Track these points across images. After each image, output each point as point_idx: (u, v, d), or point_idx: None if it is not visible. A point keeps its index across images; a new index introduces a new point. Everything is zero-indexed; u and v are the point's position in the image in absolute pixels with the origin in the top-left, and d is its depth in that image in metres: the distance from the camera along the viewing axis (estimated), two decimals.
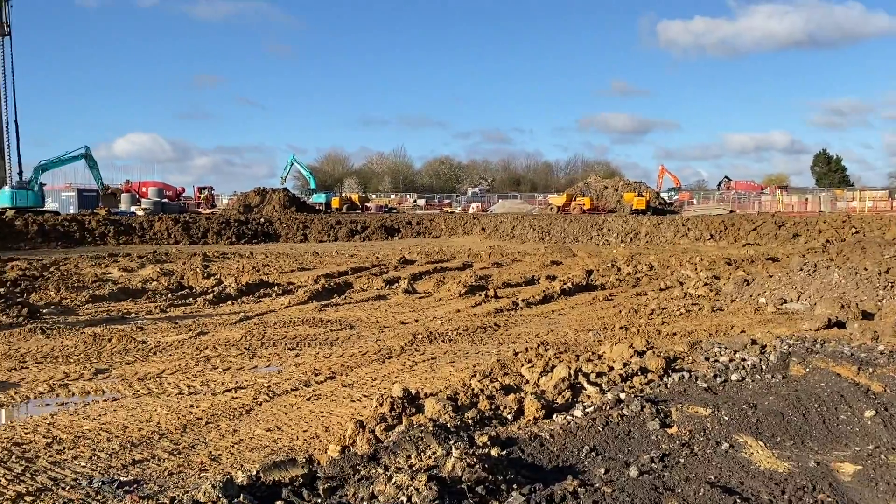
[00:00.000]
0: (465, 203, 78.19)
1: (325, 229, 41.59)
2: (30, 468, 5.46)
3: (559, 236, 38.58)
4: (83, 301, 15.13)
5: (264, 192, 63.58)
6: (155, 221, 39.20)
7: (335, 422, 6.72)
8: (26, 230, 34.34)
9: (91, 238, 35.13)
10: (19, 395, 7.77)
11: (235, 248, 33.44)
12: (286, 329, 11.84)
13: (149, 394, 7.75)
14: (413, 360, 9.45)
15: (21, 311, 13.09)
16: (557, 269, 22.48)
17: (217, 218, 43.68)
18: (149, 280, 18.72)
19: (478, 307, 14.18)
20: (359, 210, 68.11)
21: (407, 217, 50.76)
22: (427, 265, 23.11)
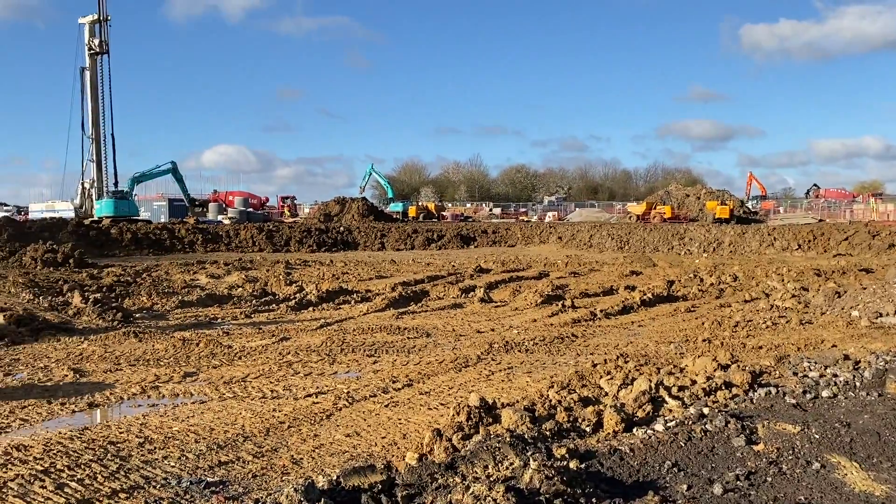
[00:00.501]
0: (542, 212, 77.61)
1: (402, 238, 42.07)
2: (124, 466, 5.72)
3: (638, 246, 37.83)
4: (173, 306, 15.77)
5: (344, 201, 64.87)
6: (240, 230, 40.52)
7: (412, 429, 6.77)
8: (121, 238, 36.09)
9: (181, 246, 36.61)
10: (114, 395, 8.17)
11: (316, 255, 34.20)
12: (364, 336, 12.03)
13: (234, 397, 8.01)
14: (489, 369, 9.44)
15: (116, 316, 13.77)
16: (637, 280, 22.04)
17: (299, 226, 44.81)
18: (234, 286, 19.36)
19: (555, 317, 14.05)
20: (435, 219, 68.58)
21: (483, 226, 50.80)
22: (503, 274, 23.06)
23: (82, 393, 8.22)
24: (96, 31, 49.09)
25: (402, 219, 64.49)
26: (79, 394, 8.19)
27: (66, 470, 5.60)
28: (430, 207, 74.21)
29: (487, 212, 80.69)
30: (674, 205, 57.34)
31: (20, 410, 7.48)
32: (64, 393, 8.23)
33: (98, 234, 36.26)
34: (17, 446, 6.18)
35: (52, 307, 14.76)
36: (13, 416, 7.26)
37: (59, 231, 34.80)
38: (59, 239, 30.60)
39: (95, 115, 49.34)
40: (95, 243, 34.00)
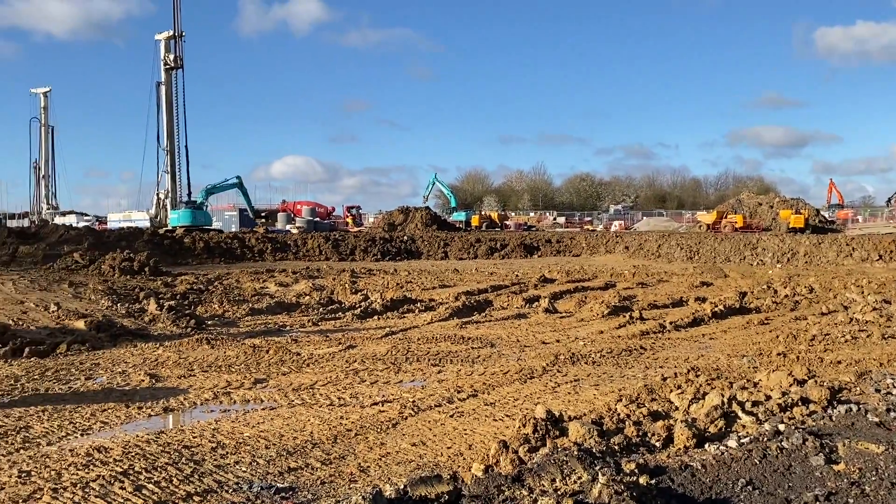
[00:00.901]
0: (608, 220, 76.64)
1: (465, 247, 42.12)
2: (197, 470, 5.88)
3: (709, 256, 36.88)
4: (243, 314, 16.18)
5: (407, 210, 65.47)
6: (308, 239, 41.30)
7: (478, 440, 6.75)
8: (194, 247, 37.25)
9: (250, 254, 37.53)
10: (188, 401, 8.42)
11: (380, 264, 34.56)
12: (429, 345, 12.08)
13: (302, 404, 8.15)
14: (555, 381, 9.35)
15: (189, 322, 14.22)
16: (707, 291, 21.49)
17: (364, 236, 45.39)
18: (302, 294, 19.73)
19: (622, 329, 13.82)
20: (498, 228, 68.47)
21: (547, 235, 50.43)
22: (568, 284, 22.83)
23: (158, 398, 8.50)
24: (171, 46, 50.99)
25: (465, 228, 64.62)
26: (155, 398, 8.47)
27: (144, 472, 5.79)
28: (494, 216, 74.14)
29: (551, 221, 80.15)
30: (745, 214, 55.76)
31: (100, 413, 7.78)
32: (141, 397, 8.53)
33: (172, 243, 37.52)
34: (98, 448, 6.43)
35: (129, 314, 15.33)
36: (94, 419, 7.55)
37: (135, 240, 36.17)
38: (135, 248, 31.79)
39: (170, 128, 51.18)
40: (169, 252, 35.19)
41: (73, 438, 6.87)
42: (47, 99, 71.56)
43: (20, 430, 7.13)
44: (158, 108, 51.44)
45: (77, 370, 10.12)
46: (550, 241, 45.64)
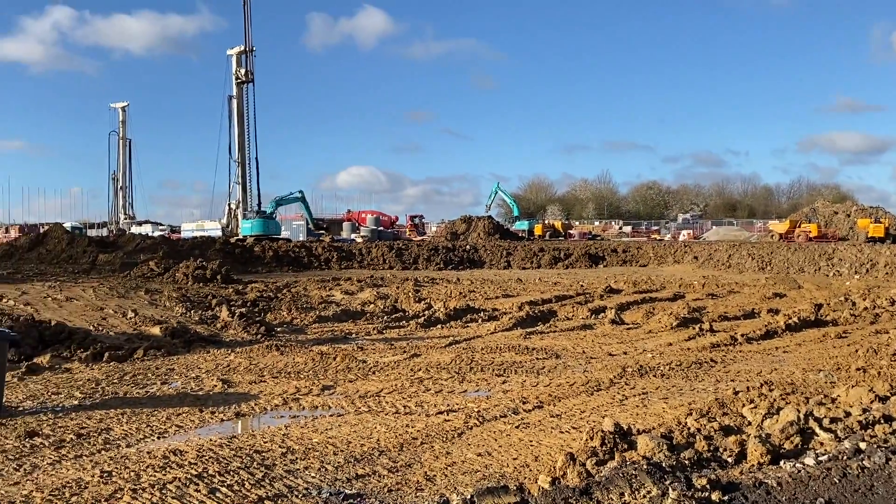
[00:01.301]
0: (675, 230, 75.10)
1: (528, 256, 41.90)
2: (268, 475, 6.02)
3: (782, 266, 35.71)
4: (311, 321, 16.49)
5: (470, 219, 65.66)
6: (372, 248, 41.83)
7: (544, 452, 6.70)
8: (263, 255, 38.19)
9: (317, 263, 38.22)
10: (258, 406, 8.62)
11: (443, 273, 34.71)
12: (493, 355, 12.06)
13: (369, 411, 8.24)
14: (623, 393, 9.20)
15: (259, 329, 14.57)
16: (781, 303, 20.80)
17: (427, 245, 45.69)
18: (367, 303, 19.99)
19: (691, 341, 13.50)
20: (562, 237, 67.95)
21: (612, 244, 49.72)
22: (634, 295, 22.44)
23: (230, 403, 8.74)
24: (242, 61, 52.59)
25: (528, 237, 64.37)
26: (227, 403, 8.71)
27: (218, 475, 5.96)
28: (557, 225, 73.63)
29: (617, 230, 79.05)
30: (820, 223, 53.84)
31: (175, 417, 8.05)
32: (213, 402, 8.78)
33: (242, 252, 38.57)
34: (174, 451, 6.65)
35: (202, 320, 15.81)
36: (170, 423, 7.82)
37: (207, 249, 37.31)
38: (207, 256, 32.77)
39: (241, 140, 52.72)
40: (240, 260, 36.17)
41: (150, 441, 7.13)
42: (125, 113, 74.75)
43: (101, 431, 7.43)
44: (230, 121, 53.13)
45: (153, 375, 10.50)
46: (616, 250, 44.98)
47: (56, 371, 10.66)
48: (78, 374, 10.43)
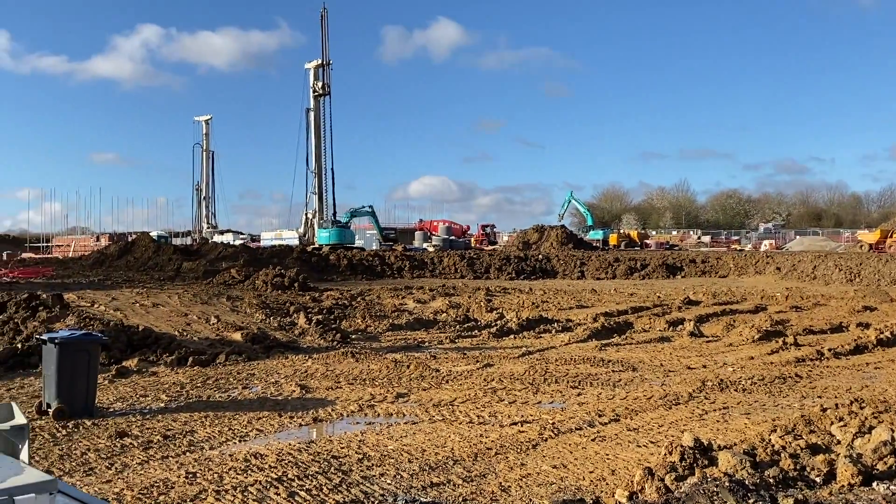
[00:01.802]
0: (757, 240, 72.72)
1: (603, 266, 41.29)
2: (345, 480, 6.12)
3: (872, 278, 34.04)
4: (384, 329, 16.69)
5: (542, 229, 65.25)
6: (444, 257, 42.06)
7: (621, 465, 6.58)
8: (338, 263, 38.94)
9: (390, 271, 38.69)
10: (335, 412, 8.78)
11: (515, 283, 34.56)
12: (567, 366, 11.92)
13: (443, 420, 8.28)
14: (702, 408, 8.94)
15: (335, 336, 14.84)
16: (871, 316, 19.82)
17: (498, 254, 45.62)
18: (439, 312, 20.09)
19: (774, 355, 13.02)
20: (637, 247, 66.74)
21: (690, 254, 48.48)
22: (714, 307, 21.80)
23: (307, 408, 8.92)
24: (320, 74, 53.93)
25: (603, 247, 63.49)
26: (304, 409, 8.90)
27: (297, 479, 6.09)
28: (633, 235, 72.39)
29: (695, 240, 77.11)
30: None
31: (256, 421, 8.28)
32: (292, 407, 8.99)
33: (319, 260, 39.42)
34: (254, 454, 6.84)
35: (280, 326, 16.22)
36: (250, 427, 8.04)
37: (285, 257, 38.31)
38: (285, 264, 33.62)
39: (318, 151, 54.01)
40: (316, 268, 36.98)
41: (232, 444, 7.35)
42: (208, 126, 77.68)
43: (186, 433, 7.71)
44: (307, 133, 54.56)
45: (235, 379, 10.83)
46: (695, 260, 43.84)
47: (143, 374, 11.13)
48: (164, 378, 10.86)
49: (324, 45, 54.06)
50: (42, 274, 34.08)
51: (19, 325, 13.88)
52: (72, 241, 70.99)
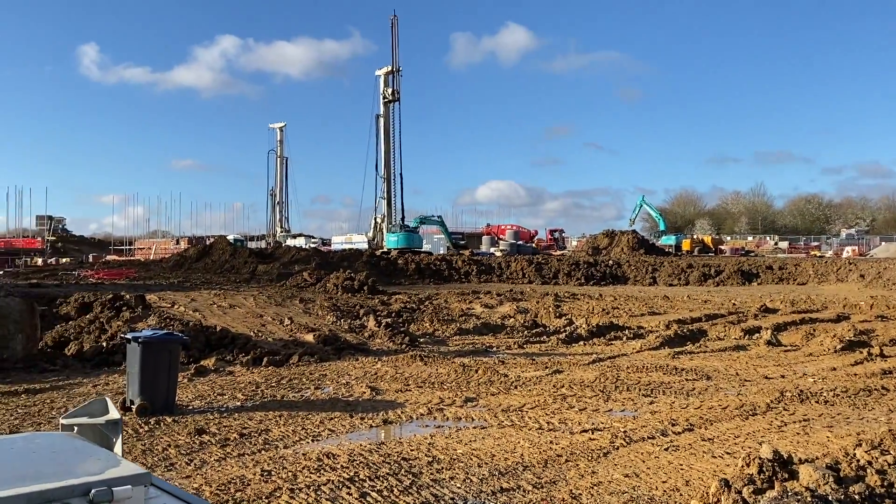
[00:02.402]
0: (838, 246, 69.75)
1: (676, 272, 40.36)
2: (415, 482, 6.17)
3: None
4: (452, 333, 16.76)
5: (613, 234, 64.20)
6: (511, 262, 41.90)
7: (695, 476, 6.42)
8: (406, 268, 39.28)
9: (457, 276, 38.80)
10: (405, 414, 8.86)
11: (584, 289, 34.13)
12: (639, 374, 11.71)
13: (512, 426, 8.25)
14: (781, 419, 8.64)
15: (404, 339, 14.99)
16: None
17: (567, 259, 45.15)
18: (507, 317, 20.04)
19: (859, 366, 12.47)
20: (712, 252, 64.96)
21: (767, 261, 46.91)
22: (792, 315, 21.04)
23: (378, 410, 9.04)
24: (390, 81, 54.59)
25: (676, 252, 62.06)
26: (375, 410, 9.02)
27: (368, 480, 6.18)
28: (707, 240, 70.53)
29: (772, 246, 74.56)
30: None
31: (328, 421, 8.43)
32: (363, 408, 9.12)
33: (387, 264, 39.87)
34: (327, 454, 6.97)
35: (350, 329, 16.48)
36: (322, 427, 8.20)
37: (355, 261, 38.88)
38: (355, 268, 34.13)
39: (387, 156, 54.66)
40: (384, 272, 37.39)
41: (305, 443, 7.51)
42: (282, 133, 79.62)
43: (261, 432, 7.92)
44: (377, 139, 55.27)
45: (307, 380, 11.06)
46: (772, 267, 42.39)
47: (220, 373, 11.49)
48: (240, 377, 11.18)
49: (394, 52, 54.75)
50: (125, 275, 35.59)
51: (104, 325, 14.53)
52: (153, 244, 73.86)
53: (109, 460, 1.98)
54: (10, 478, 1.70)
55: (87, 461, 1.91)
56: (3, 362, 11.60)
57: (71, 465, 1.88)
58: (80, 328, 14.38)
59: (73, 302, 16.81)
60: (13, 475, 1.73)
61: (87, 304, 16.48)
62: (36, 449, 1.98)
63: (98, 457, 1.99)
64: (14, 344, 11.94)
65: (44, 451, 1.96)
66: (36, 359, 12.03)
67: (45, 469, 1.81)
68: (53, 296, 19.09)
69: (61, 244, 76.27)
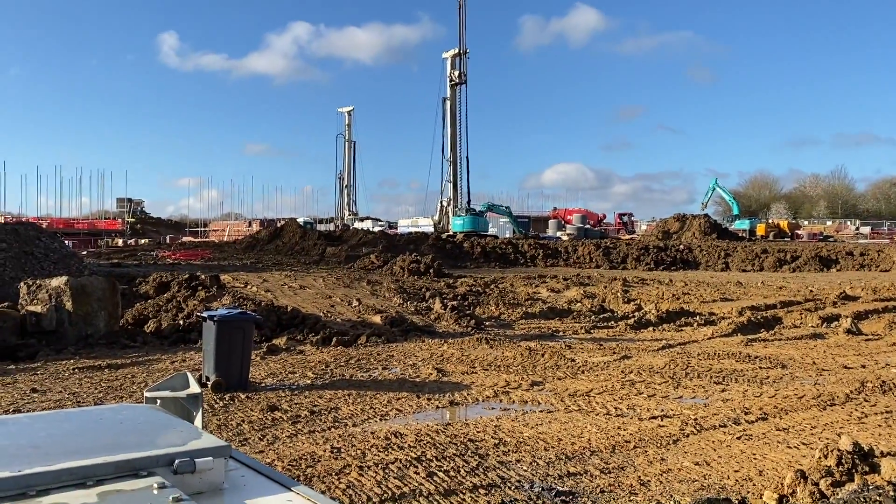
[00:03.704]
0: None
1: (749, 258, 39.14)
2: (482, 464, 6.20)
3: None
4: (518, 317, 16.70)
5: (684, 218, 62.71)
6: (578, 246, 41.44)
7: (769, 466, 6.24)
8: (472, 251, 39.33)
9: (523, 260, 38.62)
10: (471, 396, 8.90)
11: (654, 274, 33.47)
12: (711, 361, 11.44)
13: (579, 410, 8.19)
14: (861, 410, 8.31)
15: (470, 322, 15.03)
16: None
17: (636, 244, 44.36)
18: (573, 301, 19.85)
19: None
20: (787, 238, 62.80)
21: (847, 247, 45.01)
22: (874, 303, 20.13)
23: (444, 391, 9.11)
24: (456, 64, 54.51)
25: (749, 237, 60.23)
26: (441, 392, 9.09)
27: (435, 460, 6.24)
28: (783, 225, 68.24)
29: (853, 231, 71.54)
30: None
31: (395, 401, 8.54)
32: (429, 389, 9.21)
33: (452, 247, 40.00)
34: (395, 433, 7.07)
35: (417, 311, 16.62)
36: (390, 406, 8.31)
37: (421, 244, 39.17)
38: (421, 251, 34.39)
39: (453, 140, 54.70)
40: (450, 255, 37.53)
41: (373, 422, 7.63)
42: (350, 117, 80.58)
43: (331, 410, 8.09)
44: (443, 122, 55.40)
45: (375, 360, 11.23)
46: (852, 253, 40.66)
47: (291, 352, 11.77)
48: (310, 356, 11.43)
49: (461, 34, 54.57)
50: (200, 256, 36.80)
51: (181, 304, 15.07)
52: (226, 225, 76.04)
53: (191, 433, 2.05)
54: (98, 447, 1.78)
55: (170, 433, 1.98)
56: (87, 338, 12.17)
57: (155, 437, 1.95)
58: (159, 307, 14.95)
59: (152, 281, 17.47)
60: (101, 444, 1.80)
61: (165, 283, 17.11)
62: (122, 420, 2.06)
63: (180, 429, 2.05)
64: (97, 321, 12.50)
65: (129, 422, 2.04)
66: (117, 335, 12.57)
67: (131, 439, 1.88)
68: (133, 275, 19.91)
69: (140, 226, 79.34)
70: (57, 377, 9.71)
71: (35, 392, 8.78)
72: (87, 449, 1.70)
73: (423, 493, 5.48)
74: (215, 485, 1.74)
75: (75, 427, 1.96)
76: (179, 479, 1.66)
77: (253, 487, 1.79)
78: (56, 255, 19.55)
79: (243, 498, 1.72)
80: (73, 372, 10.02)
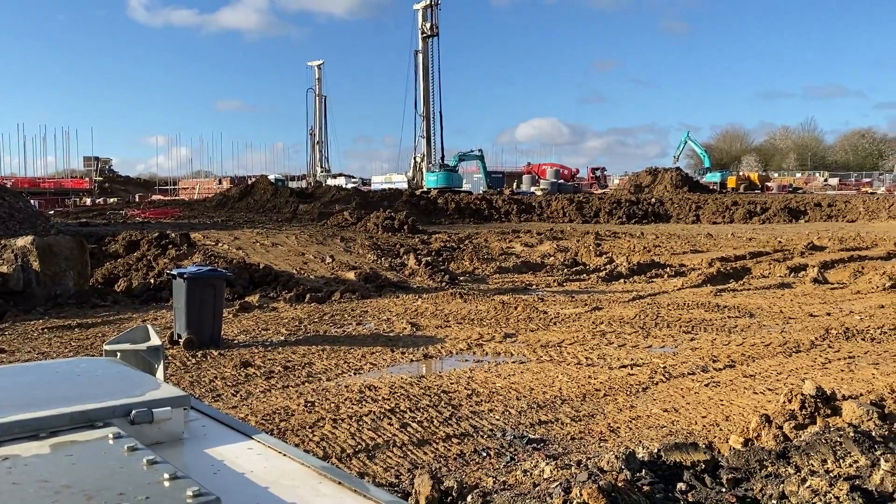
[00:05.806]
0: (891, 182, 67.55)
1: (720, 210, 39.60)
2: (455, 414, 6.26)
3: None
4: (492, 271, 16.77)
5: (656, 171, 63.07)
6: (552, 201, 41.56)
7: (735, 412, 6.39)
8: (446, 207, 39.28)
9: (497, 215, 38.68)
10: (444, 350, 8.96)
11: (626, 227, 33.75)
12: (680, 311, 11.61)
13: (550, 361, 8.29)
14: (825, 356, 8.51)
15: (444, 278, 15.06)
16: None
17: (609, 198, 44.59)
18: (546, 255, 19.97)
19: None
20: (758, 190, 63.52)
21: (815, 198, 45.66)
22: (840, 252, 20.52)
23: (418, 345, 9.15)
24: (428, 15, 53.59)
25: (720, 190, 60.83)
26: (415, 345, 9.13)
27: (408, 412, 6.29)
28: (753, 177, 68.94)
29: (821, 182, 72.56)
30: None
31: (370, 355, 8.57)
32: (403, 343, 9.24)
33: (427, 204, 39.89)
34: (368, 386, 7.11)
35: (391, 267, 16.62)
36: (364, 361, 8.34)
37: (395, 200, 38.99)
38: (395, 207, 34.24)
39: (426, 94, 54.15)
40: (424, 211, 37.45)
41: (347, 376, 7.66)
42: (321, 71, 79.20)
43: (305, 365, 8.10)
44: (416, 76, 54.69)
45: (349, 316, 11.23)
46: (820, 204, 41.30)
47: (264, 309, 11.72)
48: (283, 313, 11.39)
49: None
50: (170, 215, 36.31)
51: (151, 262, 14.89)
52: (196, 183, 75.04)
53: (150, 384, 2.01)
54: (52, 399, 1.74)
55: (129, 384, 1.95)
56: (56, 298, 12.00)
57: (113, 388, 1.91)
58: (129, 265, 14.76)
59: (121, 240, 17.23)
60: (56, 396, 1.77)
61: (135, 242, 16.88)
62: (79, 372, 2.02)
63: (139, 380, 2.02)
64: (66, 280, 12.32)
65: (86, 374, 2.00)
66: (87, 295, 12.41)
67: (88, 391, 1.84)
68: (102, 234, 19.59)
69: (108, 185, 77.94)
70: (25, 337, 9.59)
71: (2, 352, 8.67)
72: (42, 401, 1.67)
73: (396, 444, 5.54)
74: (175, 435, 1.72)
75: (30, 380, 1.92)
76: (137, 430, 1.64)
77: (213, 436, 1.77)
78: (21, 214, 19.17)
79: (203, 447, 1.70)
80: (41, 332, 9.90)
